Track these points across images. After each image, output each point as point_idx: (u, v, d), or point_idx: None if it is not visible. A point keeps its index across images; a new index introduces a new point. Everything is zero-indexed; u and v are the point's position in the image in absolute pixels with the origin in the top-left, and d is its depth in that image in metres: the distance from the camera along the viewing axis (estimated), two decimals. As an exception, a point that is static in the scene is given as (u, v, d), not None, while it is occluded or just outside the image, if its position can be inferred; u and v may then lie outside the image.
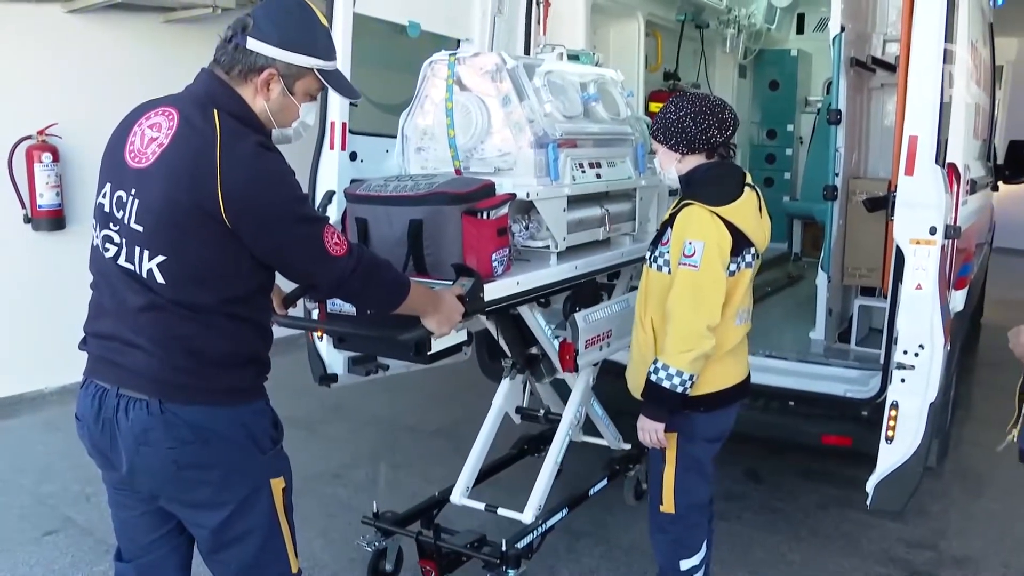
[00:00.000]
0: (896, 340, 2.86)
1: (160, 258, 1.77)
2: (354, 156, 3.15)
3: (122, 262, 1.81)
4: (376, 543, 3.10)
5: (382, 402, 5.14)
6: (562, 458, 3.18)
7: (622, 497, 3.79)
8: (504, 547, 2.84)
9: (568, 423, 3.23)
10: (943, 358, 2.82)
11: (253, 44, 1.83)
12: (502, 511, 3.14)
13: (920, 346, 2.80)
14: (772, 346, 3.84)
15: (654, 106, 5.19)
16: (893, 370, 2.86)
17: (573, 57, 3.17)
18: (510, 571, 2.85)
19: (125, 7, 5.22)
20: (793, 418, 3.57)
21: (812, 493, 4.04)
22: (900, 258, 2.86)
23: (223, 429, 1.85)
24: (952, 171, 2.97)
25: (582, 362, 2.97)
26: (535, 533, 3.02)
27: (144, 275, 1.78)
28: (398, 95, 3.23)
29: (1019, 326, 2.32)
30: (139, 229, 1.78)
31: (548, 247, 2.79)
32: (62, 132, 5.13)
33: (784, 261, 6.07)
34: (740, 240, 2.44)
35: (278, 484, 1.96)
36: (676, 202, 2.55)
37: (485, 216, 2.42)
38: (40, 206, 5.11)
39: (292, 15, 1.89)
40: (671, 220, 2.50)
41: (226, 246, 1.77)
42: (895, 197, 2.91)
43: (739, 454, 4.11)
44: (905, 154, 2.83)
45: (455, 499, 3.21)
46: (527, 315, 2.95)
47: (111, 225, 1.83)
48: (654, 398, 2.47)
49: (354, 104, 3.10)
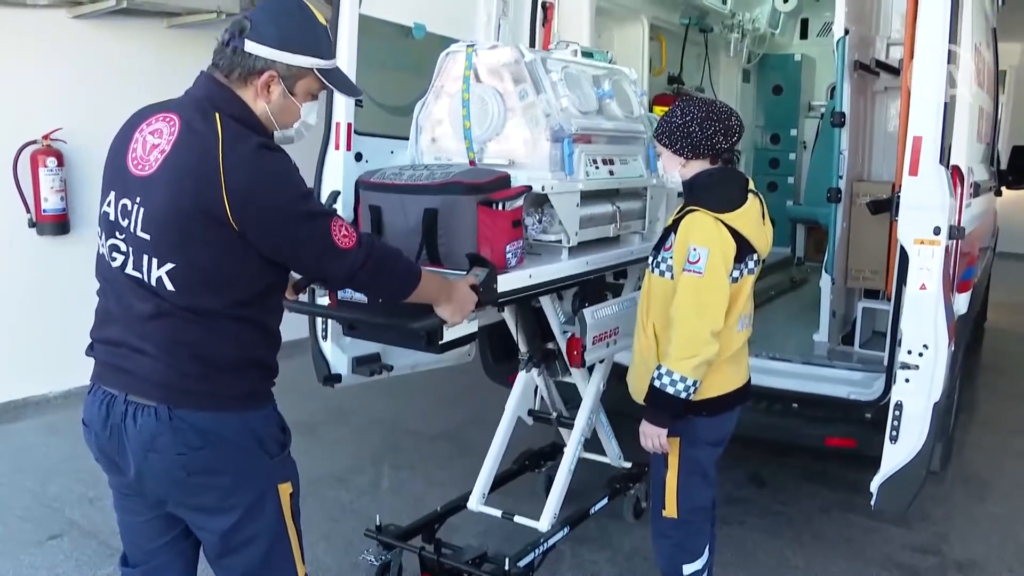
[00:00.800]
0: (900, 340, 2.86)
1: (169, 265, 1.76)
2: (359, 157, 3.15)
3: (130, 271, 1.80)
4: (380, 557, 3.09)
5: (385, 405, 5.13)
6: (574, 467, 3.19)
7: (623, 504, 3.77)
8: (507, 565, 2.84)
9: (580, 430, 3.24)
10: (947, 359, 2.81)
11: (252, 47, 1.81)
12: (519, 519, 3.15)
13: (924, 346, 2.80)
14: (776, 348, 3.84)
15: (658, 110, 5.16)
16: (897, 370, 2.85)
17: (587, 55, 3.17)
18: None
19: (130, 12, 5.22)
20: (797, 420, 3.55)
21: (815, 497, 4.03)
22: (904, 258, 2.86)
23: (231, 434, 1.84)
24: (956, 173, 2.98)
25: (589, 358, 2.97)
26: (536, 552, 3.01)
27: (153, 283, 1.77)
28: (403, 96, 3.24)
29: None
30: (146, 237, 1.76)
31: (560, 241, 2.78)
32: (67, 137, 5.14)
33: (787, 265, 6.07)
34: (743, 247, 2.44)
35: (286, 489, 1.95)
36: (679, 208, 2.55)
37: (501, 207, 2.41)
38: (45, 210, 5.11)
39: (291, 16, 1.87)
40: (674, 226, 2.50)
41: (234, 248, 1.76)
42: (899, 198, 2.91)
43: (741, 458, 4.11)
44: (909, 155, 2.84)
45: (472, 506, 3.23)
46: (547, 307, 2.96)
47: (117, 234, 1.81)
48: (657, 403, 2.46)
49: (359, 105, 3.11)
